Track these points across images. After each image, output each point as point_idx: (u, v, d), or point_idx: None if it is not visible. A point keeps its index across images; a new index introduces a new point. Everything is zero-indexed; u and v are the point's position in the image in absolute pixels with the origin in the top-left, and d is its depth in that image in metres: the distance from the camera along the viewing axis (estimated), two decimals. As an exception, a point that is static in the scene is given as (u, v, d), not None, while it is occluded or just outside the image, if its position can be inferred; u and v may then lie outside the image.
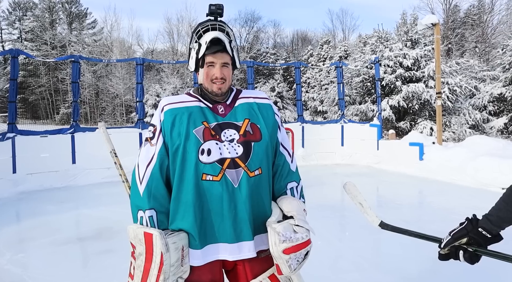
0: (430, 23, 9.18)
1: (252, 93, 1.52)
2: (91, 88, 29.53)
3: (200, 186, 1.31)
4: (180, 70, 28.94)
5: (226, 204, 1.31)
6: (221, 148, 1.33)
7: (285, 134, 1.56)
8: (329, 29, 46.34)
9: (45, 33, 33.99)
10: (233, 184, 1.31)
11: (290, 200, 1.40)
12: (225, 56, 1.39)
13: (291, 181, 1.49)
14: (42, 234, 4.49)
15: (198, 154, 1.31)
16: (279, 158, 1.49)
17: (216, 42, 1.36)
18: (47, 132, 8.24)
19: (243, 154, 1.34)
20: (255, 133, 1.40)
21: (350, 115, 18.25)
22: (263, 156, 1.39)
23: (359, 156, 10.41)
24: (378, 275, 3.17)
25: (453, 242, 1.32)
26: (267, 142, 1.41)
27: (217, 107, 1.42)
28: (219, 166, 1.31)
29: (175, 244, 1.27)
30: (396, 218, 4.91)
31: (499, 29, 27.33)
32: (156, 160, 1.35)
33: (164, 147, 1.36)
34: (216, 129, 1.36)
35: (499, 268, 3.26)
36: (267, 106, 1.51)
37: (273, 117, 1.49)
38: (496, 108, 16.37)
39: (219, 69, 1.38)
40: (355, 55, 23.06)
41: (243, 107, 1.44)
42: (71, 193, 7.14)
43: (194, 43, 1.41)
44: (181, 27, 37.26)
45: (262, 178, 1.38)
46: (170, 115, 1.38)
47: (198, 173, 1.31)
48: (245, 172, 1.33)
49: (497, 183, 6.38)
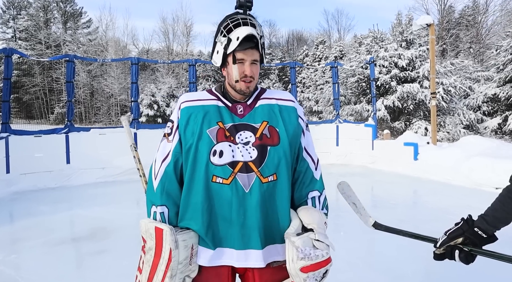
0: (425, 23, 9.23)
1: (276, 94, 1.44)
2: (86, 88, 29.40)
3: (210, 188, 1.27)
4: (176, 70, 28.87)
5: (235, 209, 1.26)
6: (234, 150, 1.28)
7: (311, 139, 1.47)
8: (324, 29, 46.59)
9: (39, 32, 33.77)
10: (244, 189, 1.26)
11: (312, 211, 1.32)
12: (255, 53, 1.32)
13: (313, 189, 1.40)
14: (36, 235, 4.46)
15: (210, 154, 1.27)
16: (301, 164, 1.40)
17: (249, 38, 1.28)
18: (41, 132, 8.18)
19: (257, 158, 1.28)
20: (272, 137, 1.32)
21: (345, 115, 18.31)
22: (280, 162, 1.31)
23: (354, 155, 10.44)
24: (372, 274, 3.18)
25: (449, 241, 1.33)
26: (286, 147, 1.33)
27: (236, 107, 1.36)
28: (230, 169, 1.26)
29: (184, 242, 1.25)
30: (391, 217, 4.93)
31: (493, 30, 27.55)
32: (171, 157, 1.34)
33: (179, 145, 1.34)
34: (231, 131, 1.31)
35: (492, 269, 3.29)
36: (290, 109, 1.41)
37: (296, 121, 1.40)
38: (490, 109, 16.49)
39: (249, 67, 1.31)
40: (350, 55, 23.14)
41: (263, 109, 1.37)
42: (65, 193, 7.09)
43: (221, 37, 1.32)
44: (177, 27, 37.21)
45: (278, 185, 1.30)
46: (186, 113, 1.34)
47: (208, 174, 1.27)
48: (258, 177, 1.26)
49: (491, 182, 6.43)
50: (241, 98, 1.38)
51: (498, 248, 1.28)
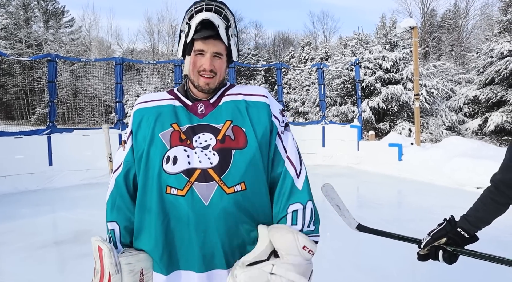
0: (408, 26, 9.39)
1: (244, 89, 1.23)
2: (69, 88, 28.86)
3: (164, 201, 1.08)
4: (161, 70, 28.62)
5: (193, 225, 1.06)
6: (191, 156, 1.08)
7: (292, 141, 1.22)
8: (310, 31, 46.86)
9: (19, 31, 32.99)
10: (203, 201, 1.05)
11: (284, 231, 1.04)
12: (218, 45, 1.13)
13: (294, 202, 1.13)
14: (17, 238, 4.34)
15: (163, 161, 1.09)
16: (278, 170, 1.17)
17: (207, 25, 1.10)
18: (22, 133, 7.98)
19: (218, 164, 1.07)
20: (237, 138, 1.11)
21: (331, 116, 18.46)
22: (249, 168, 1.09)
23: (340, 156, 10.54)
24: (358, 274, 3.21)
25: (432, 242, 1.36)
26: (255, 150, 1.11)
27: (197, 105, 1.17)
28: (185, 178, 1.06)
29: (129, 265, 1.05)
30: (376, 217, 4.99)
31: (473, 34, 28.26)
32: (123, 166, 1.18)
33: (131, 152, 1.17)
34: (187, 133, 1.12)
35: (477, 268, 3.36)
36: (260, 105, 1.19)
37: (268, 119, 1.17)
38: (471, 110, 16.89)
39: (209, 60, 1.12)
40: (335, 57, 23.35)
41: (227, 107, 1.17)
42: (48, 195, 6.94)
43: (184, 24, 1.18)
44: (162, 27, 36.91)
45: (244, 196, 1.08)
46: (138, 116, 1.19)
47: (162, 185, 1.08)
48: (220, 187, 1.05)
49: (472, 182, 6.58)
50: (204, 97, 1.19)
51: (481, 247, 1.31)
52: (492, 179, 1.38)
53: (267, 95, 1.23)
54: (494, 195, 1.34)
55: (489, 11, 27.52)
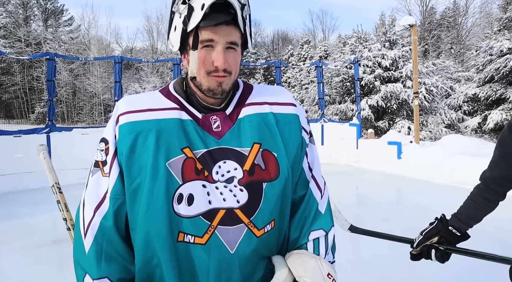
0: (407, 24, 9.39)
1: (268, 94, 0.95)
2: (68, 87, 28.85)
3: (176, 251, 0.82)
4: (160, 69, 28.61)
5: (213, 277, 0.83)
6: (211, 193, 0.82)
7: (316, 155, 1.00)
8: (309, 29, 46.87)
9: (19, 30, 32.95)
10: (228, 249, 0.82)
11: (307, 258, 0.88)
12: (233, 32, 0.82)
13: (317, 228, 0.94)
14: (16, 237, 4.34)
15: (173, 201, 0.80)
16: (302, 191, 0.96)
17: (220, 7, 0.78)
18: (21, 132, 7.98)
19: (247, 203, 0.83)
20: (268, 167, 0.86)
21: (330, 114, 18.47)
22: (279, 202, 0.87)
23: (339, 154, 10.55)
24: (356, 273, 3.21)
25: (425, 241, 1.37)
26: (287, 179, 0.88)
27: (210, 119, 0.87)
28: (206, 222, 0.81)
29: None
30: (375, 215, 4.99)
31: (473, 31, 28.26)
32: (110, 203, 0.84)
33: (120, 182, 0.84)
34: (204, 161, 0.83)
35: (472, 266, 3.36)
36: (291, 118, 0.93)
37: (299, 136, 0.93)
38: (471, 108, 16.89)
39: (222, 54, 0.81)
40: (335, 55, 23.35)
41: (251, 122, 0.88)
42: (47, 194, 6.90)
43: (180, 4, 0.82)
44: (161, 26, 36.90)
45: (272, 235, 0.88)
46: (128, 132, 0.83)
47: (173, 231, 0.81)
48: (249, 230, 0.83)
49: (471, 180, 6.57)
50: (215, 103, 0.89)
51: (478, 245, 1.31)
52: (482, 177, 1.40)
53: (295, 102, 0.97)
54: (484, 192, 1.36)
55: (488, 8, 27.55)
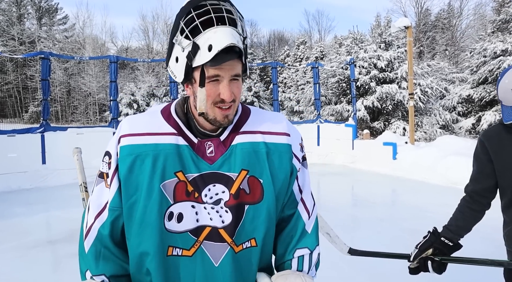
0: (403, 25, 9.44)
1: (263, 123, 1.00)
2: (63, 86, 28.68)
3: (166, 262, 0.92)
4: (156, 68, 28.52)
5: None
6: (200, 212, 0.91)
7: (308, 179, 1.09)
8: (305, 30, 47.03)
9: (12, 28, 32.70)
10: (213, 262, 0.92)
11: (292, 278, 0.96)
12: (236, 65, 0.88)
13: (302, 247, 1.03)
14: (10, 238, 4.31)
15: (164, 218, 0.89)
16: (291, 211, 1.04)
17: (229, 49, 0.83)
18: (14, 132, 7.92)
19: (231, 223, 0.91)
20: (253, 192, 0.94)
21: (326, 115, 18.51)
22: (261, 224, 0.95)
23: (335, 155, 10.58)
24: (352, 273, 3.23)
25: (420, 254, 1.44)
26: (270, 203, 0.96)
27: (205, 145, 0.94)
28: (193, 238, 0.90)
29: None
30: (371, 216, 5.01)
31: (467, 33, 28.49)
32: (108, 214, 0.94)
33: (118, 197, 0.93)
34: (196, 184, 0.91)
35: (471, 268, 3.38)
36: (282, 148, 0.99)
37: (289, 164, 1.00)
38: (465, 109, 17.01)
39: (228, 87, 0.87)
40: (330, 56, 23.40)
41: (243, 150, 0.94)
42: (41, 194, 6.89)
43: (182, 38, 0.86)
44: (157, 25, 36.80)
45: (254, 252, 0.96)
46: (127, 154, 0.91)
47: (163, 245, 0.90)
48: (231, 248, 0.92)
49: (465, 181, 6.60)
50: (212, 130, 0.96)
51: (476, 247, 1.32)
52: (466, 190, 1.53)
53: (290, 131, 1.02)
54: (470, 204, 1.49)
55: (482, 11, 27.78)
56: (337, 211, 5.32)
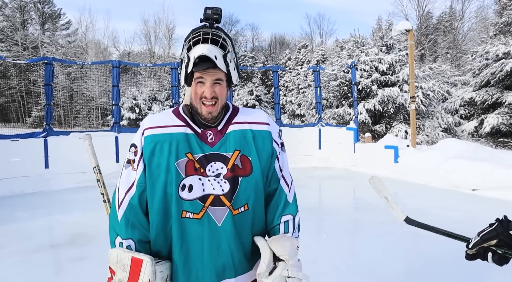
0: (404, 29, 9.45)
1: (249, 117, 1.33)
2: (65, 90, 28.78)
3: (181, 223, 1.20)
4: (158, 73, 28.62)
5: (207, 243, 1.20)
6: (205, 184, 1.19)
7: (286, 160, 1.39)
8: (306, 33, 47.06)
9: (16, 34, 32.93)
10: (216, 223, 1.19)
11: (283, 241, 1.23)
12: (218, 73, 1.20)
13: (286, 213, 1.33)
14: (13, 242, 4.33)
15: (179, 189, 1.18)
16: (274, 186, 1.34)
17: (205, 58, 1.15)
18: (18, 136, 7.95)
19: (229, 191, 1.20)
20: (244, 167, 1.24)
21: (328, 118, 18.51)
22: (251, 192, 1.25)
23: (336, 158, 10.57)
24: (354, 276, 3.22)
25: (481, 243, 1.28)
26: (258, 176, 1.26)
27: (206, 133, 1.25)
28: (200, 204, 1.18)
29: (162, 273, 1.21)
30: (373, 219, 5.01)
31: (469, 36, 28.46)
32: (136, 188, 1.23)
33: (144, 175, 1.23)
34: (201, 162, 1.21)
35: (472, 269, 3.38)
36: (265, 134, 1.31)
37: (270, 146, 1.31)
38: (467, 112, 16.97)
39: (209, 87, 1.19)
40: (332, 59, 23.43)
41: (235, 136, 1.26)
42: (44, 198, 6.91)
43: (184, 54, 1.22)
44: (159, 30, 36.94)
45: (247, 215, 1.25)
46: (150, 142, 1.22)
47: (178, 210, 1.19)
48: (230, 211, 1.20)
49: (467, 184, 6.61)
50: (212, 122, 1.27)
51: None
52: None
53: (269, 121, 1.35)
54: None
55: (484, 13, 27.75)
56: (339, 214, 5.32)
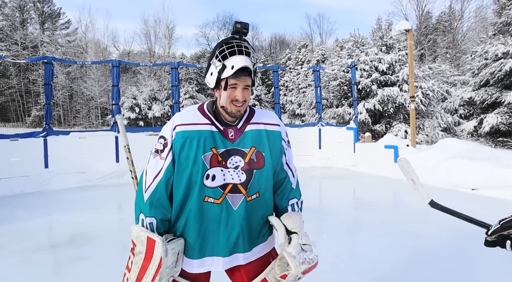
0: (403, 29, 9.44)
1: (264, 118, 1.56)
2: (65, 90, 28.76)
3: (202, 206, 1.42)
4: (158, 72, 28.59)
5: (224, 224, 1.43)
6: (225, 174, 1.42)
7: (291, 154, 1.65)
8: (306, 33, 47.07)
9: (15, 33, 32.89)
10: (233, 207, 1.44)
11: (293, 217, 1.50)
12: (248, 80, 1.42)
13: (292, 197, 1.61)
14: (12, 242, 4.32)
15: (203, 178, 1.40)
16: (283, 176, 1.60)
17: (243, 68, 1.37)
18: (17, 136, 7.94)
19: (245, 181, 1.44)
20: (259, 161, 1.48)
21: (328, 118, 18.51)
22: (263, 182, 1.49)
23: (336, 158, 10.56)
24: (354, 276, 3.22)
25: (501, 231, 1.31)
26: (269, 169, 1.51)
27: (228, 131, 1.47)
28: (221, 191, 1.42)
29: (173, 250, 1.39)
30: (372, 219, 5.01)
31: (468, 36, 28.47)
32: (163, 174, 1.43)
33: (172, 164, 1.43)
34: (223, 156, 1.43)
35: (472, 270, 3.38)
36: (276, 134, 1.56)
37: (280, 144, 1.56)
38: (467, 112, 16.97)
39: (241, 92, 1.41)
40: (332, 59, 23.43)
41: (252, 134, 1.49)
42: (43, 198, 6.90)
43: (216, 61, 1.40)
44: (158, 29, 36.92)
45: (258, 201, 1.50)
46: (181, 137, 1.42)
47: (201, 195, 1.41)
48: (245, 197, 1.45)
49: (467, 184, 6.61)
50: (232, 121, 1.48)
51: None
52: None
53: (279, 123, 1.60)
54: None
55: (483, 13, 27.74)
56: (339, 214, 5.32)
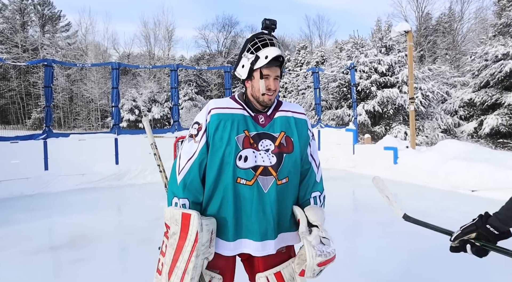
0: (403, 30, 9.47)
1: (291, 107, 1.64)
2: (65, 92, 28.79)
3: (236, 188, 1.47)
4: (157, 74, 28.63)
5: (255, 206, 1.48)
6: (257, 156, 1.48)
7: (316, 147, 1.70)
8: (306, 35, 47.14)
9: (15, 36, 32.94)
10: (264, 189, 1.48)
11: (317, 210, 1.55)
12: (278, 70, 1.52)
13: (315, 190, 1.64)
14: (12, 244, 4.32)
15: (236, 159, 1.46)
16: (307, 167, 1.64)
17: (276, 58, 1.47)
18: (18, 138, 7.95)
19: (276, 164, 1.49)
20: (288, 145, 1.54)
21: (327, 120, 18.52)
22: (292, 167, 1.54)
23: (336, 160, 10.57)
24: (352, 277, 3.22)
25: (462, 236, 1.41)
26: (297, 155, 1.56)
27: (258, 117, 1.56)
28: (252, 172, 1.47)
29: (207, 226, 1.43)
30: (372, 220, 5.01)
31: (468, 37, 28.48)
32: (197, 156, 1.50)
33: (206, 146, 1.50)
34: (255, 139, 1.50)
35: (471, 270, 3.38)
36: (303, 121, 1.64)
37: (306, 133, 1.63)
38: (467, 113, 16.97)
39: (273, 82, 1.50)
40: (331, 60, 23.45)
41: (281, 120, 1.57)
42: (43, 200, 6.91)
43: (248, 53, 1.50)
44: (158, 31, 36.99)
45: (288, 186, 1.55)
46: (216, 119, 1.50)
47: (234, 176, 1.47)
48: (275, 180, 1.49)
49: (467, 185, 6.61)
50: (262, 109, 1.57)
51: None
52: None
53: (305, 113, 1.70)
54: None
55: (483, 14, 27.78)
56: (338, 216, 5.31)
